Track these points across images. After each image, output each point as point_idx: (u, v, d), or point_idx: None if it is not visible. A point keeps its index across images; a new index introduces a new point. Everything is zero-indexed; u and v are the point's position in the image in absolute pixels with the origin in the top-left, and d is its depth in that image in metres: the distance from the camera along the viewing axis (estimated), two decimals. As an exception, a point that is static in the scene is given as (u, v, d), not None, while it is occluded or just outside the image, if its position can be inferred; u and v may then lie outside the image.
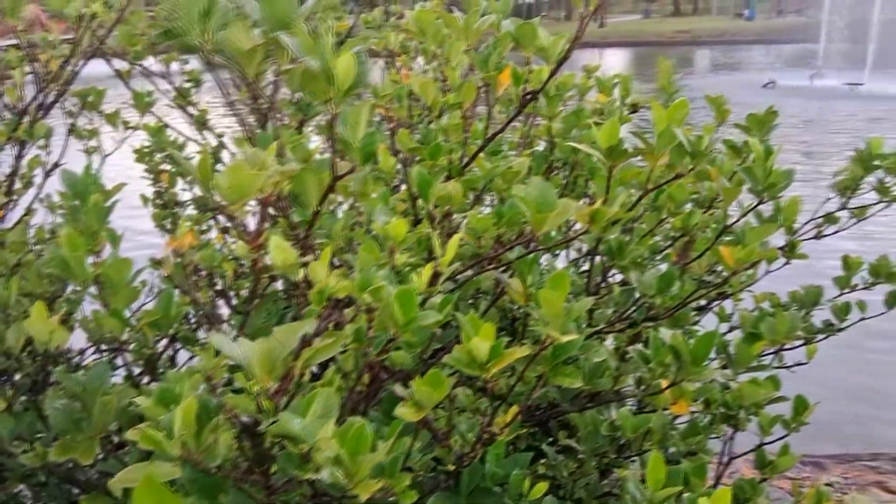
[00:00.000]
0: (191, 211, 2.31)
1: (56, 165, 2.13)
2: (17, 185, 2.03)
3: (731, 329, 1.93)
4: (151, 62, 2.29)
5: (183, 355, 1.56)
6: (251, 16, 0.70)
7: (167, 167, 2.32)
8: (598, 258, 1.42)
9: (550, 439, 1.57)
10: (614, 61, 34.13)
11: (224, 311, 1.54)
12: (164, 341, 1.41)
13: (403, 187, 1.43)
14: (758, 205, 1.28)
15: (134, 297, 1.18)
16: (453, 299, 0.93)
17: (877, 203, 1.80)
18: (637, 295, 1.37)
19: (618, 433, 1.35)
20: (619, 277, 1.59)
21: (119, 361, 1.33)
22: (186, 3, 0.64)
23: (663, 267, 1.59)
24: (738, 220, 1.33)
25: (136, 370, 1.36)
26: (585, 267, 1.63)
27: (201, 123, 2.28)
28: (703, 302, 1.74)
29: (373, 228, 0.88)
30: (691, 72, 27.39)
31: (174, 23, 0.65)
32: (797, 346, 1.79)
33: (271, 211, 0.84)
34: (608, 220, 0.99)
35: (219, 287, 1.41)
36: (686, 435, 1.37)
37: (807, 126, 14.09)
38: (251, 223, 0.70)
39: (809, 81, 19.47)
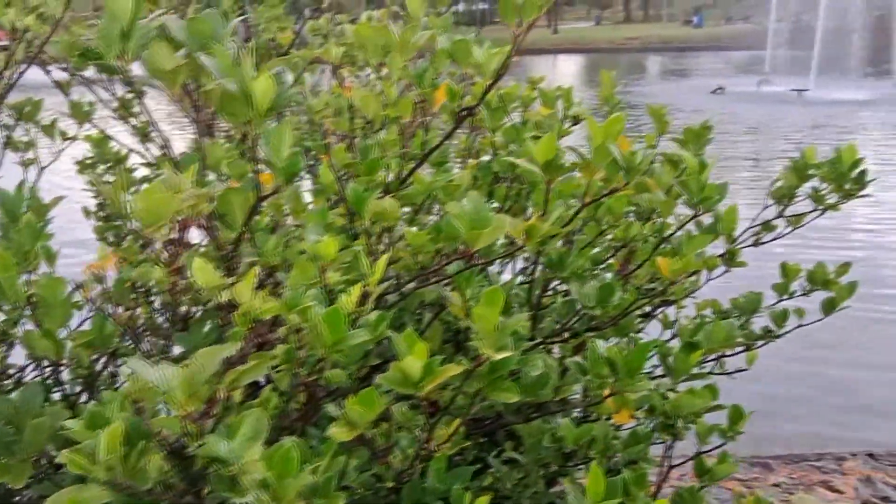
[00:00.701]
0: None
1: (-9, 178, 2.07)
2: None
3: (674, 336, 1.95)
4: (93, 71, 2.25)
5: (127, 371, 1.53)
6: (175, 35, 0.69)
7: (110, 179, 2.27)
8: (539, 270, 1.43)
9: (498, 450, 1.58)
10: (567, 67, 34.50)
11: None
12: (104, 359, 1.38)
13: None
14: (693, 217, 1.30)
15: (68, 317, 1.16)
16: (388, 316, 0.93)
17: (813, 211, 1.84)
18: (579, 306, 1.38)
19: (561, 444, 1.36)
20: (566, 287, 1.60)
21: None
22: (105, 24, 0.62)
23: (609, 275, 1.61)
24: (674, 233, 1.35)
25: (76, 388, 1.33)
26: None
27: (143, 135, 2.25)
28: (648, 308, 1.76)
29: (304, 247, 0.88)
30: (642, 78, 27.80)
31: (92, 44, 0.64)
32: (738, 353, 1.82)
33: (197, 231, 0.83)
34: (543, 235, 1.00)
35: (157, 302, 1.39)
36: (628, 444, 1.38)
37: (754, 131, 14.38)
38: (171, 247, 0.70)
39: (757, 87, 19.90)
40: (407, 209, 1.32)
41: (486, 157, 1.82)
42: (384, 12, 2.28)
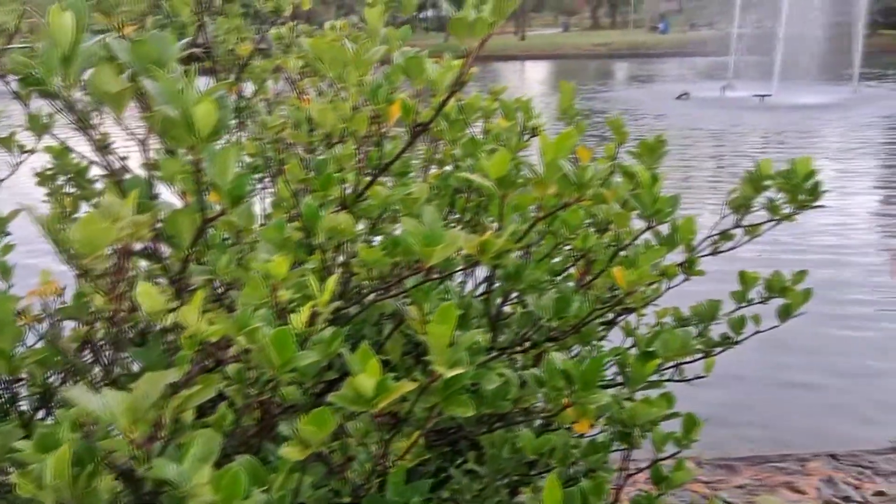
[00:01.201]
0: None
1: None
2: None
3: (634, 344, 1.97)
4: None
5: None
6: (119, 58, 0.69)
7: (70, 190, 2.24)
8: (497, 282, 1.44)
9: (462, 460, 1.58)
10: (535, 73, 34.71)
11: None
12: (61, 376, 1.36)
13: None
14: (647, 229, 1.32)
15: (19, 336, 1.14)
16: (342, 333, 0.93)
17: (769, 221, 1.87)
18: (537, 317, 1.39)
19: (521, 454, 1.37)
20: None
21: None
22: (47, 48, 0.62)
23: (569, 285, 1.62)
24: (628, 245, 1.37)
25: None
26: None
27: (103, 147, 2.22)
28: (611, 316, 1.78)
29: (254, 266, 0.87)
30: (610, 83, 28.06)
31: (33, 68, 0.64)
32: (697, 359, 1.84)
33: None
34: (498, 250, 1.01)
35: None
36: (586, 453, 1.39)
37: (717, 136, 14.58)
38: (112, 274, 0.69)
39: (721, 93, 20.17)
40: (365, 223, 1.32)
41: (448, 168, 1.83)
42: (344, 24, 2.28)
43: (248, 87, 2.32)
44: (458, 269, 1.10)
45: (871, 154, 12.90)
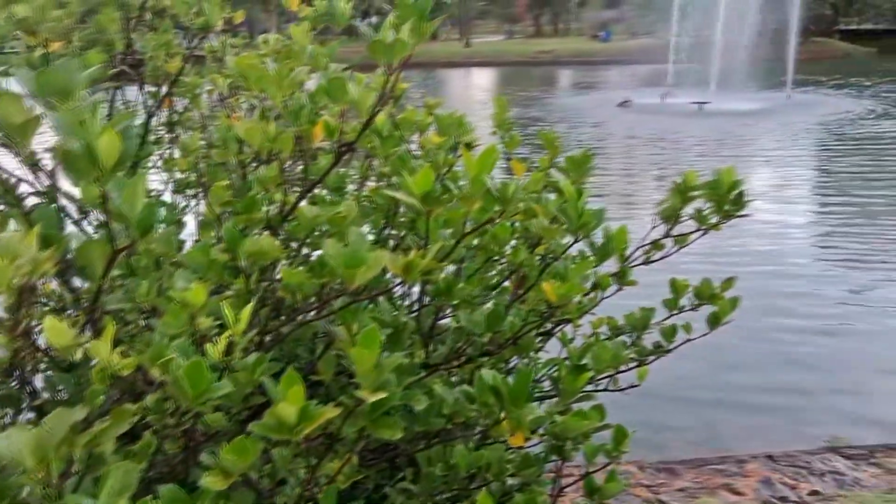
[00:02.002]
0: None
1: None
2: None
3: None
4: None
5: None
6: (25, 86, 0.67)
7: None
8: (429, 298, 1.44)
9: (400, 476, 1.58)
10: (481, 80, 34.92)
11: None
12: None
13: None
14: (573, 243, 1.33)
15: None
16: (266, 359, 0.92)
17: (696, 231, 1.91)
18: (469, 332, 1.40)
19: (455, 470, 1.37)
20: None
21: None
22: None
23: (505, 297, 1.63)
24: (556, 259, 1.38)
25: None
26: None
27: (32, 164, 2.17)
28: (549, 326, 1.80)
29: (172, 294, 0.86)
30: (554, 90, 28.39)
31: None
32: (630, 369, 1.87)
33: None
34: (422, 269, 1.01)
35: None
36: (521, 467, 1.40)
37: (657, 143, 14.86)
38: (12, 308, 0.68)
39: (661, 100, 20.55)
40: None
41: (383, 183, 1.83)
42: (276, 38, 2.26)
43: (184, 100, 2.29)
44: (383, 290, 1.10)
45: (806, 158, 13.32)
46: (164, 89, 2.14)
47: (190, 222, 1.91)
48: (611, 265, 1.82)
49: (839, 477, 3.75)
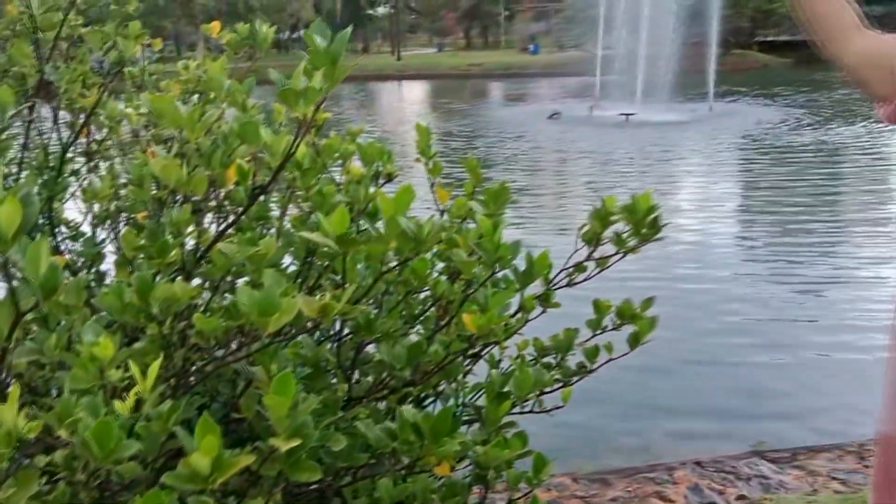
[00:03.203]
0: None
1: None
2: None
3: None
4: None
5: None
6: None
7: None
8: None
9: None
10: (412, 94, 35.05)
11: None
12: None
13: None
14: (490, 276, 1.36)
15: None
16: (179, 407, 0.92)
17: (616, 253, 1.96)
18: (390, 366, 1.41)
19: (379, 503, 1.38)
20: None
21: None
22: None
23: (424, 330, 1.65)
24: (474, 291, 1.41)
25: None
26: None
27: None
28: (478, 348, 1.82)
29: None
30: (485, 103, 28.67)
31: None
32: (555, 389, 1.91)
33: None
34: (338, 312, 1.02)
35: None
36: (445, 496, 1.42)
37: (586, 156, 15.15)
38: None
39: (589, 112, 20.95)
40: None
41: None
42: (196, 64, 2.24)
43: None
44: (301, 331, 1.11)
45: (729, 167, 13.77)
46: (81, 118, 2.10)
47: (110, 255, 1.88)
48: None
49: (764, 481, 3.87)
